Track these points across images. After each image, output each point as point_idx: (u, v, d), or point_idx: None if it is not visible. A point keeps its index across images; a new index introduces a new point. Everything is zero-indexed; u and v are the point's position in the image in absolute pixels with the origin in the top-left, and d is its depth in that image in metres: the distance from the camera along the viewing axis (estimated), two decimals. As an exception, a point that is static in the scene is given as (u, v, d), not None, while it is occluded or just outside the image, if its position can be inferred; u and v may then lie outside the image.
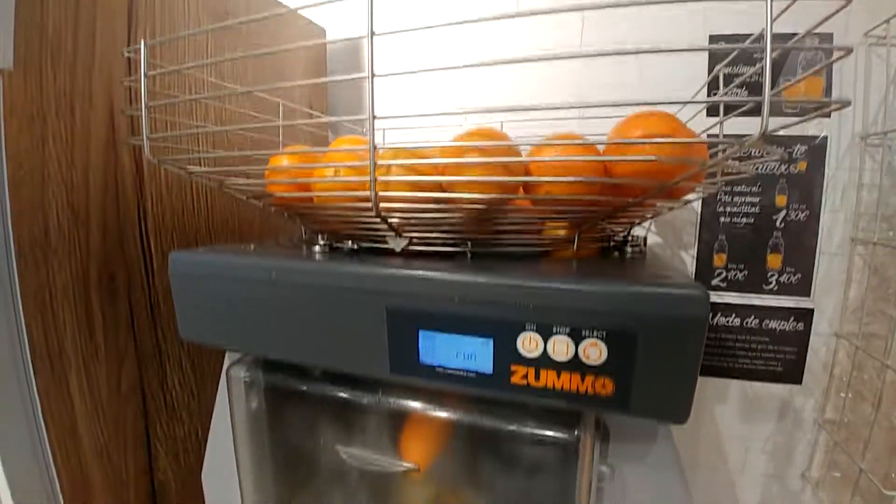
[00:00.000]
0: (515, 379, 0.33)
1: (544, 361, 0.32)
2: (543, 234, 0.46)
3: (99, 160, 0.60)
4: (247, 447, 0.48)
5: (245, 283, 0.41)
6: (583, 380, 0.32)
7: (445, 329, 0.34)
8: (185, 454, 0.74)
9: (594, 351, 0.32)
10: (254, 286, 0.41)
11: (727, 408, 1.00)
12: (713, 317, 0.97)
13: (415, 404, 0.38)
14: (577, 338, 0.31)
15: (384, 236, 0.42)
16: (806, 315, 0.97)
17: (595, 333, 0.31)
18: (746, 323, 0.97)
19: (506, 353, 0.33)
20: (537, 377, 0.33)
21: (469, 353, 0.34)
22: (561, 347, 0.32)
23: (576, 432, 0.34)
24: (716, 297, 0.96)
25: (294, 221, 0.60)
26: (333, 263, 0.38)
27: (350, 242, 0.45)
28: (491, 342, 0.33)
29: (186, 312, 0.46)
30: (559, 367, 0.32)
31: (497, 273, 0.34)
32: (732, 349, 0.97)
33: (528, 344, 0.33)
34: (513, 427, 0.36)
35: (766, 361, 0.98)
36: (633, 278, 0.33)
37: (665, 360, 0.31)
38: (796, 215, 0.97)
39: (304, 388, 0.42)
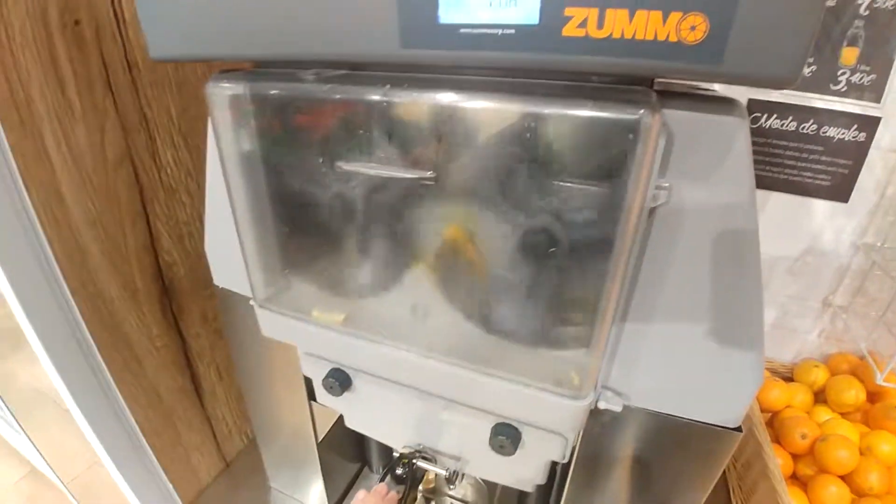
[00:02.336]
0: (570, 29, 0.25)
1: (613, -4, 0.24)
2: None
3: None
4: (240, 186, 0.42)
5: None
6: (664, 20, 0.24)
7: (477, -36, 0.25)
8: (191, 238, 0.71)
9: (687, -29, 0.23)
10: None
11: (761, 222, 0.94)
12: (766, 119, 0.86)
13: (429, 95, 0.30)
14: (665, -49, 0.22)
15: None
16: (871, 124, 0.85)
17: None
18: (803, 128, 0.86)
19: (559, -11, 0.24)
20: (601, 23, 0.24)
21: (507, -1, 0.25)
22: (640, -30, 0.23)
23: (641, 111, 0.26)
24: (773, 96, 0.84)
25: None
26: None
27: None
28: (540, -24, 0.24)
29: (151, 19, 0.37)
30: (633, 2, 0.24)
31: None
32: (781, 157, 0.88)
33: (593, -30, 0.24)
34: (554, 108, 0.28)
35: (815, 174, 0.89)
36: None
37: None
38: (885, 2, 0.81)
39: (298, 94, 0.34)
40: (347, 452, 0.83)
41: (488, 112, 0.30)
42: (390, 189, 0.36)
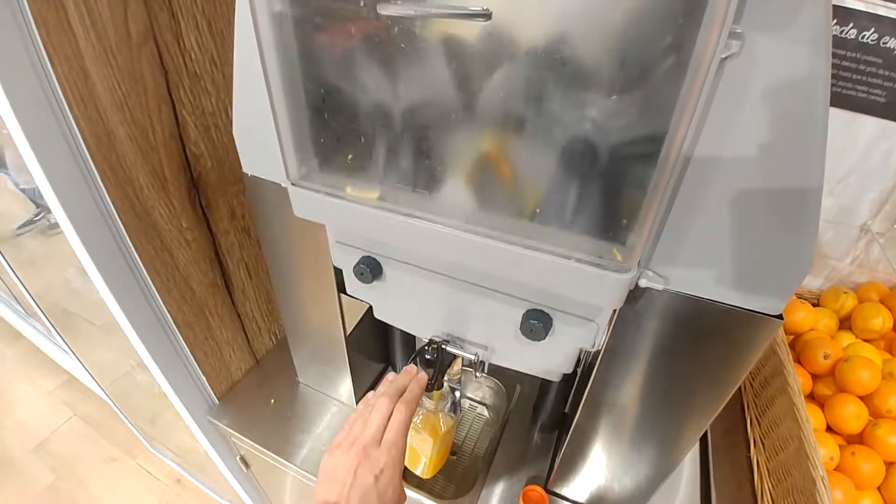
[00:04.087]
0: None
1: None
2: None
3: None
4: (274, 55, 0.40)
5: None
6: None
7: None
8: (217, 131, 0.69)
9: None
10: None
11: (808, 140, 0.90)
12: (827, 22, 0.79)
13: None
14: None
15: None
16: (939, 35, 0.79)
17: None
18: (863, 37, 0.80)
19: None
20: None
21: None
22: None
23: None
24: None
25: None
26: None
27: None
28: None
29: None
30: None
31: None
32: (836, 68, 0.82)
33: None
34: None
35: (870, 89, 0.84)
36: None
37: None
38: None
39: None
40: (372, 352, 0.85)
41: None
42: (431, 45, 0.34)
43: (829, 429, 0.81)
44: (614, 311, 0.45)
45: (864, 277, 1.02)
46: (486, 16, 0.29)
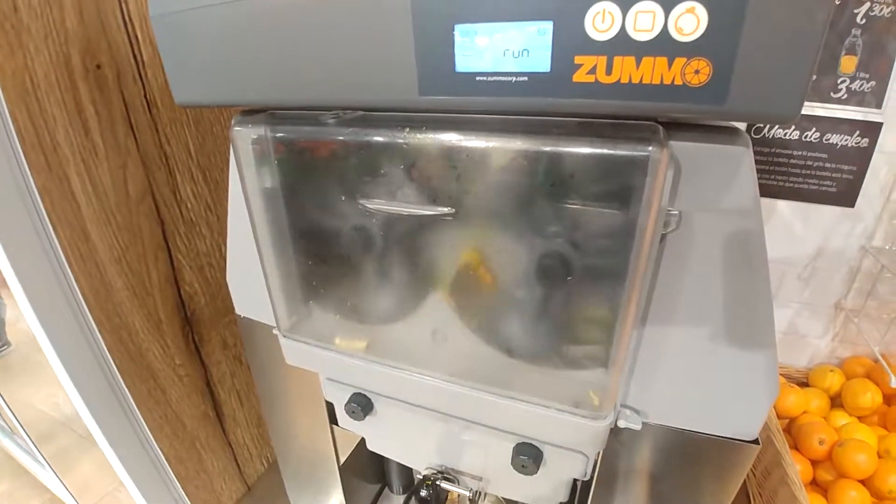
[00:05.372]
0: (580, 75, 0.27)
1: (620, 44, 0.25)
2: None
3: None
4: (264, 222, 0.44)
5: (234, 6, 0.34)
6: (670, 65, 0.25)
7: (489, 17, 0.27)
8: (211, 269, 0.73)
9: (689, 21, 0.24)
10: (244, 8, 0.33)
11: (769, 230, 0.94)
12: (770, 129, 0.87)
13: (448, 136, 0.32)
14: (667, 2, 0.24)
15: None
16: (873, 130, 0.87)
17: (692, -3, 0.24)
18: (806, 136, 0.88)
19: (569, 40, 0.26)
20: (609, 69, 0.26)
21: (520, 49, 0.27)
22: (645, 21, 0.24)
23: (649, 147, 0.28)
24: (774, 108, 0.85)
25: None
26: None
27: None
28: (550, 28, 0.26)
29: (176, 67, 0.39)
30: (640, 49, 0.25)
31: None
32: (785, 166, 0.89)
33: (601, 22, 0.25)
34: (566, 147, 0.30)
35: (821, 181, 0.91)
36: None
37: (779, 30, 0.24)
38: (881, 10, 0.83)
39: (319, 136, 0.36)
40: (368, 474, 0.83)
41: (503, 151, 0.32)
42: (410, 222, 0.37)
43: (836, 518, 0.80)
44: (600, 442, 0.47)
45: (848, 352, 1.04)
46: (452, 214, 0.33)
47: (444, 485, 0.54)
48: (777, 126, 0.86)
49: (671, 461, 0.46)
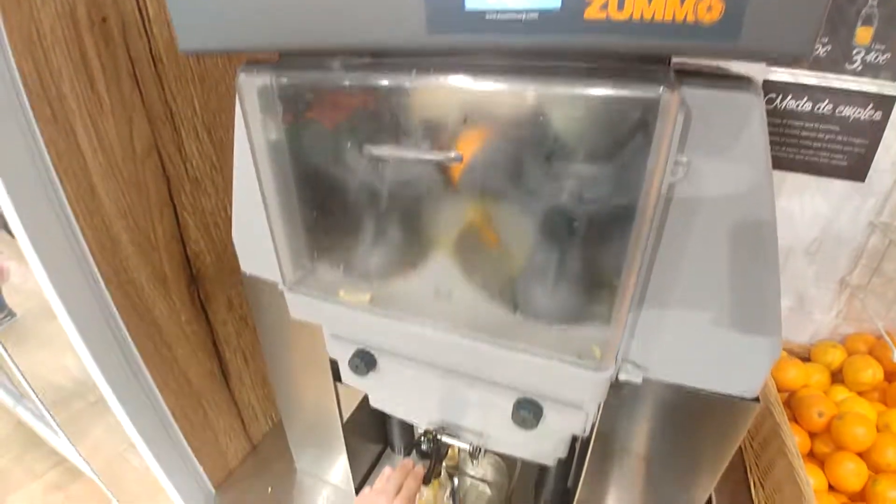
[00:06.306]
0: (591, 12, 0.26)
1: (633, -22, 0.25)
2: None
3: None
4: (270, 174, 0.44)
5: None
6: (682, 1, 0.25)
7: (501, -50, 0.26)
8: (217, 228, 0.73)
9: (705, -48, 0.23)
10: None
11: (778, 205, 0.94)
12: (782, 100, 0.86)
13: (455, 79, 0.31)
14: (683, -67, 0.23)
15: None
16: (887, 103, 0.85)
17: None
18: (818, 108, 0.86)
19: (581, -26, 0.25)
20: (621, 5, 0.25)
21: (531, -16, 0.26)
22: (659, -48, 0.24)
23: (661, 88, 0.27)
24: (788, 77, 0.84)
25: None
26: None
27: None
28: (561, -39, 0.25)
29: (181, 11, 0.39)
30: (653, -17, 0.25)
31: None
32: (796, 138, 0.88)
33: (614, -46, 0.25)
34: (576, 89, 0.29)
35: (832, 154, 0.89)
36: None
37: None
38: (901, -20, 0.80)
39: (326, 83, 0.36)
40: (370, 434, 0.85)
41: (511, 94, 0.32)
42: (416, 172, 0.37)
43: (830, 487, 0.81)
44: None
45: (851, 329, 1.04)
46: (459, 159, 0.32)
47: (445, 438, 0.55)
48: (789, 96, 0.85)
49: (671, 418, 0.46)
